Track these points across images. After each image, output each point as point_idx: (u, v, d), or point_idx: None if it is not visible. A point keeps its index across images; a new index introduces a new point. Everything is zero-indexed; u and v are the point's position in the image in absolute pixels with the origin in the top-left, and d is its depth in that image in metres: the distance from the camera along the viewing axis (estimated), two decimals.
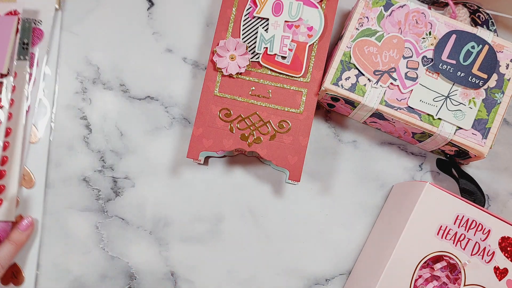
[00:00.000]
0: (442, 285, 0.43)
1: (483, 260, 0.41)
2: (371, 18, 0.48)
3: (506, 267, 0.40)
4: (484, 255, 0.41)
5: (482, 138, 0.46)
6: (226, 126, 0.47)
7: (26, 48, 0.51)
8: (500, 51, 0.47)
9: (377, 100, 0.47)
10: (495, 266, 0.41)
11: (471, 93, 0.47)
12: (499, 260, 0.41)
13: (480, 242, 0.41)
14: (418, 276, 0.43)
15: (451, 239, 0.41)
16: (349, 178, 0.52)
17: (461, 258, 0.41)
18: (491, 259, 0.41)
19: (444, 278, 0.43)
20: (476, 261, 0.41)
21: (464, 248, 0.41)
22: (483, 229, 0.42)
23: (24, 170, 0.50)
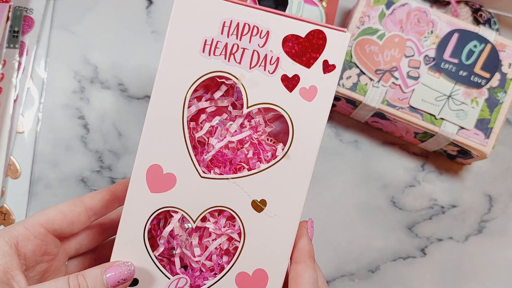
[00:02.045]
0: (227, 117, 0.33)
1: (267, 71, 0.31)
2: (372, 16, 0.47)
3: (297, 74, 0.31)
4: (266, 64, 0.31)
5: (484, 138, 0.46)
6: None
7: (16, 36, 0.51)
8: (502, 50, 0.47)
9: (379, 100, 0.46)
10: (283, 76, 0.31)
11: (473, 92, 0.47)
12: (286, 67, 0.31)
13: (258, 49, 0.31)
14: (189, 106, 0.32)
15: (221, 54, 0.31)
16: (350, 178, 0.52)
17: (238, 74, 0.31)
18: (275, 68, 0.31)
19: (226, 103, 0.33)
20: (257, 74, 0.31)
21: (240, 62, 0.31)
22: (259, 32, 0.31)
23: (10, 160, 0.49)
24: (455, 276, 0.51)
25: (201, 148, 0.33)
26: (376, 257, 0.51)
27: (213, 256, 0.32)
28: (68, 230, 0.32)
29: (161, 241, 0.32)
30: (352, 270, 0.51)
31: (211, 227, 0.32)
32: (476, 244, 0.51)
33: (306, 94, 0.31)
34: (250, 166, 0.32)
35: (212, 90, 0.33)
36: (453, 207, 0.52)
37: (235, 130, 0.32)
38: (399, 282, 0.51)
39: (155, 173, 0.31)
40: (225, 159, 0.32)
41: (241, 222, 0.31)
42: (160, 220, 0.33)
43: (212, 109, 0.33)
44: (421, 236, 0.51)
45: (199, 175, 0.31)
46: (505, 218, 0.52)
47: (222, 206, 0.31)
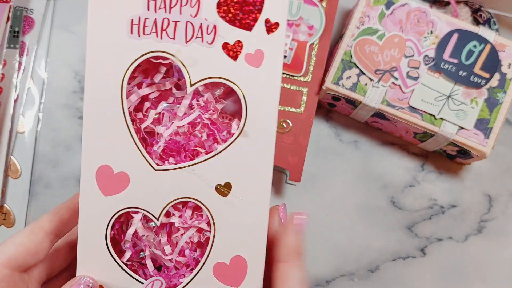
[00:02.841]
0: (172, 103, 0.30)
1: (205, 42, 0.27)
2: (372, 17, 0.47)
3: (239, 39, 0.28)
4: (203, 35, 0.28)
5: (484, 138, 0.46)
6: None
7: (16, 36, 0.51)
8: (502, 50, 0.47)
9: (378, 100, 0.46)
10: (224, 44, 0.27)
11: (473, 92, 0.47)
12: (225, 34, 0.27)
13: (191, 20, 0.27)
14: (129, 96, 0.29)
15: (151, 33, 0.28)
16: (350, 178, 0.52)
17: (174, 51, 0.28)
18: (214, 37, 0.27)
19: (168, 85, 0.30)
20: (195, 47, 0.28)
21: (174, 37, 0.28)
22: (189, 1, 0.27)
23: (11, 160, 0.49)
24: (455, 276, 0.51)
25: (150, 140, 0.30)
26: (376, 257, 0.51)
27: (186, 251, 0.30)
28: (33, 261, 0.29)
29: (127, 246, 0.30)
30: (352, 270, 0.51)
31: (177, 222, 0.29)
32: (475, 244, 0.51)
33: (252, 60, 0.28)
34: (206, 149, 0.29)
35: (152, 74, 0.30)
36: (453, 207, 0.52)
37: (184, 113, 0.29)
38: (399, 282, 0.51)
39: (105, 174, 0.28)
40: (178, 146, 0.29)
41: (208, 211, 0.28)
42: (122, 224, 0.30)
43: (155, 94, 0.30)
44: (421, 236, 0.51)
45: (153, 169, 0.28)
46: (504, 218, 0.52)
47: (185, 197, 0.28)
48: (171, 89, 0.30)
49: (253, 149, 0.28)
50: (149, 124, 0.30)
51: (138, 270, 0.30)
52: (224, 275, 0.29)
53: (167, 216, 0.29)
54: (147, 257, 0.30)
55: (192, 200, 0.29)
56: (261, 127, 0.28)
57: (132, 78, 0.29)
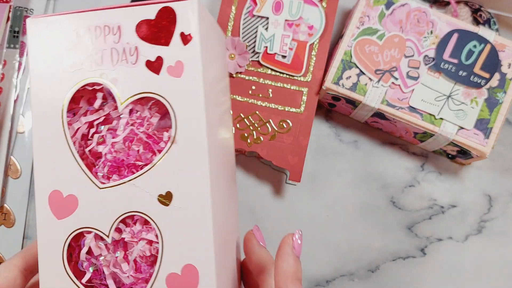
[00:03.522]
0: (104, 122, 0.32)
1: (130, 63, 0.30)
2: (372, 17, 0.47)
3: (159, 55, 0.30)
4: (127, 57, 0.30)
5: (484, 138, 0.46)
6: None
7: (16, 36, 0.51)
8: (502, 50, 0.47)
9: (378, 100, 0.46)
10: (146, 61, 0.30)
11: (473, 92, 0.47)
12: (146, 53, 0.30)
13: (115, 46, 0.30)
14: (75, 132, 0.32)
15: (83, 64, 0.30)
16: (350, 178, 0.52)
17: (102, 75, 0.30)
18: (137, 57, 0.30)
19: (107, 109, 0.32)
20: (121, 69, 0.30)
21: (101, 63, 0.30)
22: (111, 30, 0.30)
23: (11, 160, 0.50)
24: (455, 276, 0.51)
25: (97, 161, 0.32)
26: (376, 257, 0.51)
27: (143, 267, 0.30)
28: None
29: (84, 266, 0.30)
30: (352, 270, 0.51)
31: (127, 237, 0.30)
32: (475, 244, 0.51)
33: (174, 71, 0.30)
34: (146, 162, 0.30)
35: (93, 101, 0.32)
36: (453, 207, 0.52)
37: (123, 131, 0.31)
38: (398, 282, 0.51)
39: (57, 198, 0.30)
40: (119, 162, 0.31)
41: (154, 222, 0.29)
42: (80, 245, 0.31)
43: (99, 120, 0.32)
44: (421, 236, 0.51)
45: (98, 187, 0.30)
46: (504, 218, 0.52)
47: (131, 211, 0.29)
48: (109, 113, 0.32)
49: (186, 156, 0.29)
50: (95, 148, 0.31)
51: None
52: (177, 285, 0.29)
53: (119, 232, 0.30)
54: (108, 276, 0.30)
55: (138, 214, 0.29)
56: (190, 132, 0.29)
57: (78, 108, 0.32)
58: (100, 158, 0.31)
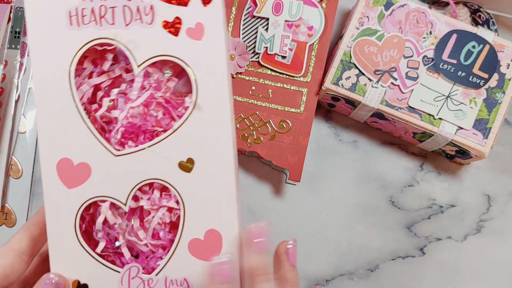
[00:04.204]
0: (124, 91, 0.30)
1: (145, 23, 0.28)
2: (371, 17, 0.48)
3: (177, 16, 0.28)
4: (142, 16, 0.28)
5: (483, 138, 0.46)
6: None
7: (18, 37, 0.51)
8: (501, 50, 0.47)
9: (378, 100, 0.46)
10: (163, 22, 0.28)
11: (472, 93, 0.47)
12: (163, 12, 0.28)
13: (128, 4, 0.28)
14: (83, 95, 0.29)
15: (91, 22, 0.28)
16: (349, 178, 0.52)
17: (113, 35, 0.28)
18: (153, 17, 0.28)
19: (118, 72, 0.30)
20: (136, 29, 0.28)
21: (113, 23, 0.28)
22: None
23: (12, 160, 0.50)
24: (454, 276, 0.51)
25: (108, 127, 0.30)
26: (375, 257, 0.51)
27: (160, 233, 0.30)
28: (6, 282, 0.28)
29: (99, 236, 0.29)
30: (351, 269, 0.51)
31: (146, 204, 0.29)
32: (474, 243, 0.52)
33: (194, 33, 0.28)
34: (164, 128, 0.29)
35: (101, 62, 0.30)
36: (452, 206, 0.52)
37: (138, 96, 0.29)
38: (398, 282, 0.51)
39: (66, 167, 0.28)
40: (136, 128, 0.29)
41: (175, 189, 0.28)
42: (92, 215, 0.30)
43: (107, 83, 0.30)
44: (420, 236, 0.51)
45: (113, 155, 0.28)
46: (503, 217, 0.52)
47: (149, 179, 0.28)
48: (121, 75, 0.30)
49: (209, 121, 0.28)
50: (105, 113, 0.29)
51: (115, 260, 0.30)
52: (200, 251, 0.28)
53: (136, 200, 0.29)
54: (123, 245, 0.30)
55: (157, 181, 0.28)
56: (213, 97, 0.28)
57: (82, 70, 0.29)
58: (110, 123, 0.30)
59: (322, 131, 0.53)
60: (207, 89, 0.28)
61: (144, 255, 0.30)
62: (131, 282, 0.28)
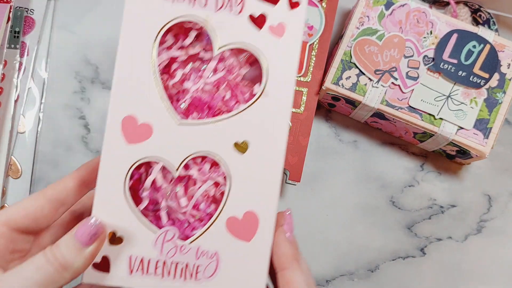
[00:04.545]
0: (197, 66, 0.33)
1: (233, 12, 0.30)
2: (371, 17, 0.48)
3: (264, 12, 0.30)
4: (232, 5, 0.30)
5: (483, 138, 0.46)
6: None
7: (17, 36, 0.51)
8: (502, 50, 0.47)
9: (378, 100, 0.46)
10: (250, 15, 0.30)
11: (473, 92, 0.47)
12: (252, 6, 0.30)
13: None
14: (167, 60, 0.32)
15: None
16: (349, 178, 0.52)
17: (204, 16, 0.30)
18: (242, 8, 0.30)
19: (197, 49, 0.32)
20: (224, 16, 0.30)
21: (205, 5, 0.30)
22: None
23: (11, 160, 0.50)
24: (454, 276, 0.51)
25: (176, 96, 0.32)
26: (376, 257, 0.51)
27: (201, 205, 0.31)
28: (33, 226, 0.30)
29: (144, 194, 0.30)
30: (352, 270, 0.51)
31: (195, 174, 0.31)
32: (475, 243, 0.51)
33: (275, 31, 0.31)
34: (229, 108, 0.31)
35: (182, 38, 0.32)
36: (452, 206, 0.52)
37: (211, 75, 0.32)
38: (398, 282, 0.51)
39: (130, 123, 0.29)
40: (202, 103, 0.31)
41: (226, 166, 0.30)
42: (141, 174, 0.31)
43: (184, 57, 0.32)
44: (421, 236, 0.51)
45: (176, 122, 0.30)
46: (504, 217, 0.52)
47: (204, 151, 0.30)
48: (198, 54, 0.32)
49: (272, 109, 0.30)
50: (177, 83, 0.31)
51: (153, 222, 0.31)
52: (236, 229, 0.30)
53: (186, 169, 0.31)
54: (162, 209, 0.31)
55: (211, 155, 0.30)
56: (279, 89, 0.30)
57: (162, 42, 0.31)
58: (179, 94, 0.32)
59: (322, 131, 0.53)
60: (276, 80, 0.30)
61: (180, 223, 0.31)
62: (165, 244, 0.29)
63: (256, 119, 0.30)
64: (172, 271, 0.29)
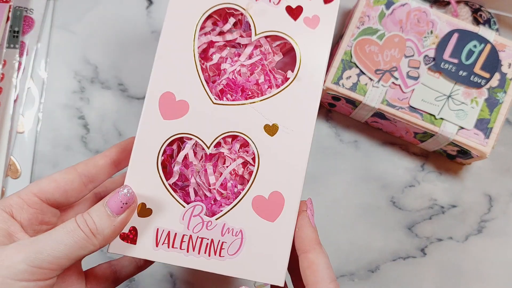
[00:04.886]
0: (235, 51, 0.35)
1: (272, 3, 0.33)
2: (372, 16, 0.47)
3: (300, 4, 0.33)
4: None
5: (484, 138, 0.46)
6: None
7: (16, 36, 0.51)
8: (502, 50, 0.47)
9: (379, 100, 0.46)
10: (287, 6, 0.33)
11: (473, 92, 0.47)
12: (289, 0, 0.33)
13: None
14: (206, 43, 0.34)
15: None
16: (350, 178, 0.52)
17: (245, 5, 0.33)
18: (280, 1, 0.33)
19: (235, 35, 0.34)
20: (263, 5, 0.33)
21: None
22: None
23: (10, 160, 0.49)
24: (455, 276, 0.51)
25: (212, 78, 0.33)
26: (376, 257, 0.51)
27: (228, 184, 0.32)
28: (62, 198, 0.31)
29: (176, 168, 0.32)
30: (352, 270, 0.51)
31: (226, 152, 0.32)
32: (476, 244, 0.51)
33: (309, 22, 0.32)
34: (262, 91, 0.33)
35: (222, 23, 0.34)
36: (453, 207, 0.52)
37: (247, 59, 0.33)
38: (399, 282, 0.51)
39: (168, 100, 0.31)
40: (237, 85, 0.33)
41: (255, 146, 0.31)
42: (173, 150, 0.32)
43: (221, 43, 0.34)
44: (421, 236, 0.51)
45: (212, 102, 0.31)
46: (505, 218, 0.52)
47: (236, 131, 0.31)
48: (235, 39, 0.34)
49: (303, 94, 0.32)
50: (215, 65, 0.33)
51: (181, 197, 0.32)
52: (262, 208, 0.31)
53: (217, 147, 0.32)
54: (191, 185, 0.32)
55: (241, 135, 0.31)
56: (311, 75, 0.32)
57: (202, 28, 0.33)
58: (216, 76, 0.33)
59: (323, 131, 0.53)
60: (308, 68, 0.32)
61: (208, 200, 0.32)
62: (192, 219, 0.30)
63: (287, 103, 0.31)
64: (197, 246, 0.30)
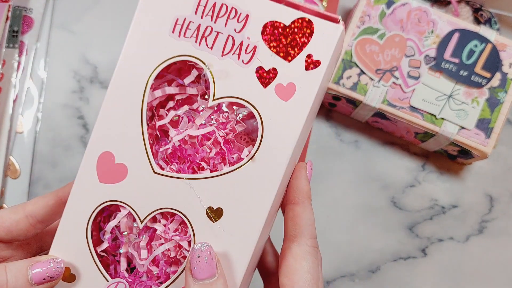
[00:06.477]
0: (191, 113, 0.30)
1: (240, 61, 0.27)
2: (372, 16, 0.47)
3: (274, 67, 0.27)
4: (241, 53, 0.27)
5: (485, 138, 0.46)
6: None
7: (15, 36, 0.51)
8: (503, 50, 0.47)
9: (379, 99, 0.46)
10: (258, 68, 0.27)
11: (474, 92, 0.46)
12: (263, 58, 0.27)
13: (234, 35, 0.27)
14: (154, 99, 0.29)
15: (192, 37, 0.27)
16: (350, 178, 0.52)
17: (207, 61, 0.27)
18: (251, 58, 0.27)
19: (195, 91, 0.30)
20: (230, 63, 0.27)
21: (211, 47, 0.27)
22: (237, 16, 0.27)
23: (10, 160, 0.49)
24: (456, 276, 0.51)
25: (162, 139, 0.29)
26: (377, 258, 0.51)
27: (161, 262, 0.29)
28: (8, 237, 0.29)
29: (105, 237, 0.29)
30: (353, 271, 0.51)
31: (159, 230, 0.28)
32: (476, 244, 0.51)
33: (282, 92, 0.27)
34: (211, 167, 0.28)
35: (185, 75, 0.29)
36: (454, 207, 0.52)
37: (201, 124, 0.29)
38: (399, 283, 0.50)
39: (107, 161, 0.28)
40: (184, 155, 0.28)
41: (192, 230, 0.27)
42: (110, 214, 0.30)
43: (181, 96, 0.29)
44: (422, 236, 0.51)
45: (152, 170, 0.27)
46: (505, 218, 0.52)
47: (174, 209, 0.27)
48: (197, 95, 0.29)
49: (258, 179, 0.27)
50: (166, 124, 0.29)
51: (111, 264, 0.30)
52: None
53: (153, 221, 0.29)
54: (123, 255, 0.29)
55: (180, 214, 0.27)
56: (272, 159, 0.27)
57: (163, 77, 0.29)
58: (166, 135, 0.29)
59: (323, 131, 0.52)
60: (270, 149, 0.27)
61: (139, 275, 0.29)
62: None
63: (237, 186, 0.27)
64: None
